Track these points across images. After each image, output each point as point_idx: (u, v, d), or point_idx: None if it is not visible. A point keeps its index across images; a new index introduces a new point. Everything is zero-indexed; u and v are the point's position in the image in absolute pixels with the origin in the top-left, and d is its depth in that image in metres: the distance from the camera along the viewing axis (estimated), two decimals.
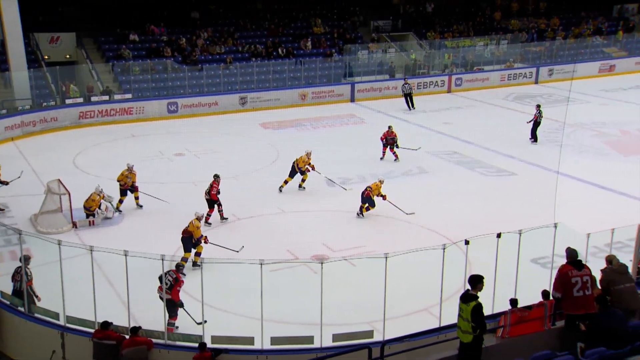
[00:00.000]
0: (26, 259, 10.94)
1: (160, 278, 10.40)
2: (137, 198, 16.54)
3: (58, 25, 29.10)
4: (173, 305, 10.52)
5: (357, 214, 15.92)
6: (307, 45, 32.38)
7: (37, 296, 10.92)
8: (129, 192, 16.39)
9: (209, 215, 15.32)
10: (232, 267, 11.15)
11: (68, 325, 10.30)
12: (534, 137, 22.56)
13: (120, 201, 16.34)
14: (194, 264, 12.96)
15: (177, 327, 10.59)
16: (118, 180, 16.42)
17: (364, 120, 26.48)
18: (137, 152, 20.68)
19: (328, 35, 33.64)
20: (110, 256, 9.95)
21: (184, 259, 12.78)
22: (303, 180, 17.90)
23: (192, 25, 31.76)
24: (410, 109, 27.87)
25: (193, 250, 13.09)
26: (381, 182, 16.07)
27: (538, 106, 23.04)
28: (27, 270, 10.80)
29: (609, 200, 17.01)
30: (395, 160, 20.40)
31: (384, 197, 15.89)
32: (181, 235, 13.10)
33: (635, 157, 20.84)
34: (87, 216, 15.43)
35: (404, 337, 8.90)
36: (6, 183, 16.55)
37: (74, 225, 15.32)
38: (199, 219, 13.20)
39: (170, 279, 10.51)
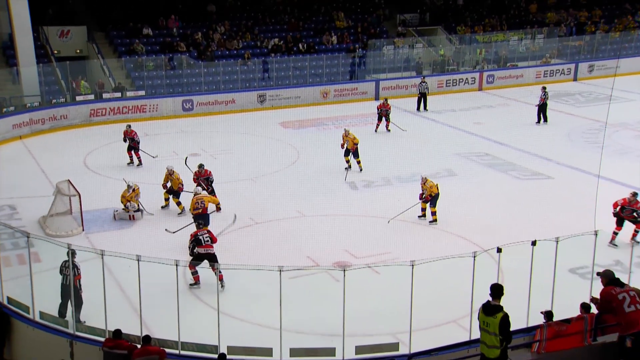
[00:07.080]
0: (73, 253, 10.99)
1: None
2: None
3: (68, 19, 29.49)
4: None
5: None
6: (329, 40, 32.44)
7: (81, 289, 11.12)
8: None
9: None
10: (249, 274, 11.19)
11: (77, 333, 10.41)
12: (542, 119, 25.00)
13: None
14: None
15: None
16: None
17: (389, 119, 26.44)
18: (150, 152, 20.82)
19: (351, 30, 33.66)
20: (122, 261, 10.05)
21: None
22: (358, 163, 19.60)
23: (208, 19, 31.98)
24: (419, 110, 27.70)
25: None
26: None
27: (544, 88, 25.47)
28: (75, 264, 10.91)
29: None
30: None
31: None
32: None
33: None
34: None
35: (431, 350, 8.88)
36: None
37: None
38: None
39: None
